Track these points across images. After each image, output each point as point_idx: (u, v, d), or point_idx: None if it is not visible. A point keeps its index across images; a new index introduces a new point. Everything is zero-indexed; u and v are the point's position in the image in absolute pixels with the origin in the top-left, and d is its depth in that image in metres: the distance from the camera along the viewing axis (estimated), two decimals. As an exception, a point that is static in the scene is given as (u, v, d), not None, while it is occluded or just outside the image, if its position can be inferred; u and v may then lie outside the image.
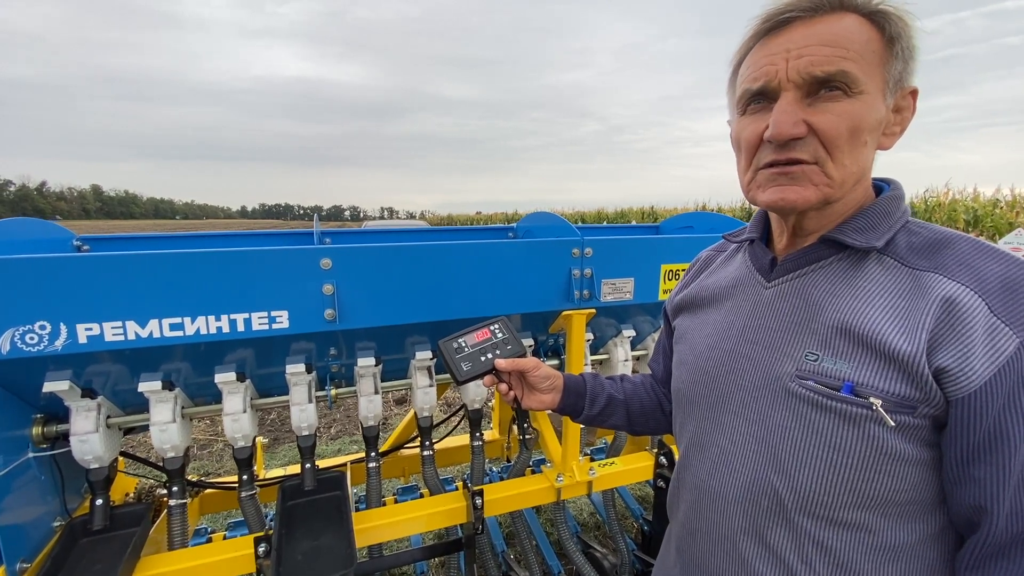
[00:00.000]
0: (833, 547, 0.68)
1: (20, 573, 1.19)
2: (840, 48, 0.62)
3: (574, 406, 1.05)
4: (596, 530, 2.75)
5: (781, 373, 0.71)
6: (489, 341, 1.04)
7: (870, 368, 0.63)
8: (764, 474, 0.72)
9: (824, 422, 0.66)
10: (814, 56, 0.62)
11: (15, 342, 1.09)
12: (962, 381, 0.58)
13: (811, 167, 0.65)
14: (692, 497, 0.83)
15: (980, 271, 0.61)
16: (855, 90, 0.62)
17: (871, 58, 0.62)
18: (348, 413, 4.54)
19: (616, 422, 1.07)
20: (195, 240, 1.95)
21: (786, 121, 0.63)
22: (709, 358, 0.83)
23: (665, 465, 1.79)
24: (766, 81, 0.66)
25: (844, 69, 0.61)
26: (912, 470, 0.64)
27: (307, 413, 1.46)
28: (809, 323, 0.70)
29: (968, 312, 0.59)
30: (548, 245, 1.51)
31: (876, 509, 0.66)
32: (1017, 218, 10.00)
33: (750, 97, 0.69)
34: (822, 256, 0.72)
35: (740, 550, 0.75)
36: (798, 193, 0.66)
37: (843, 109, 0.62)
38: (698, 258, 1.01)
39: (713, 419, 0.80)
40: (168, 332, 1.18)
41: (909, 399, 0.61)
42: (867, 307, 0.65)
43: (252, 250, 1.22)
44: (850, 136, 0.63)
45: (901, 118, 0.68)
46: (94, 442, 1.29)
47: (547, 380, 1.02)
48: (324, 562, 1.32)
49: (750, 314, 0.79)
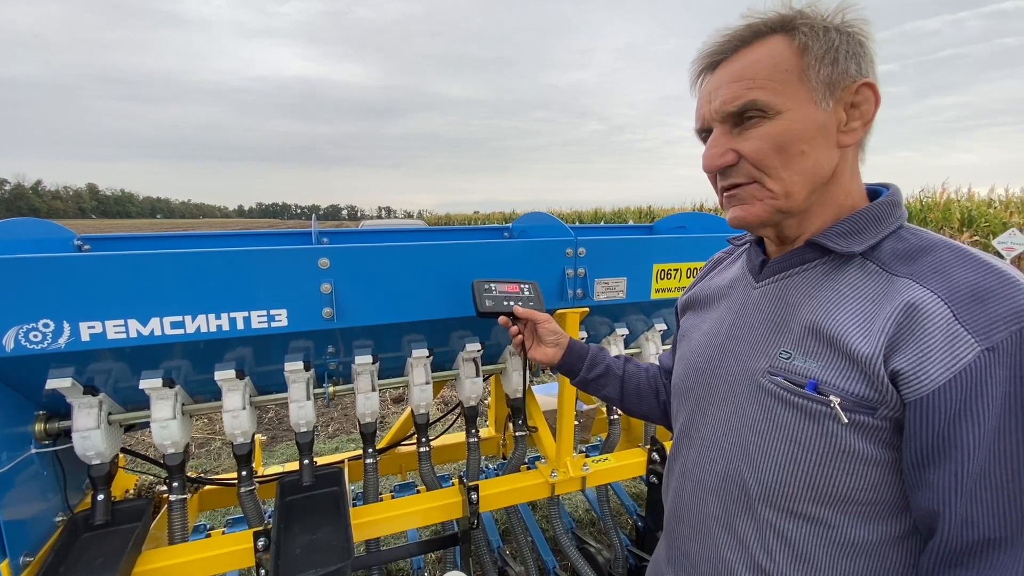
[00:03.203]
0: (793, 539, 0.70)
1: (23, 567, 1.22)
2: (746, 80, 0.68)
3: (572, 366, 1.15)
4: (591, 526, 2.78)
5: (756, 369, 0.75)
6: (517, 294, 1.20)
7: (834, 368, 0.66)
8: (736, 465, 0.76)
9: (787, 416, 0.69)
10: (725, 95, 0.70)
11: (19, 340, 1.11)
12: (915, 384, 0.59)
13: (751, 186, 0.72)
14: (678, 484, 0.88)
15: (952, 278, 0.61)
16: (772, 112, 0.67)
17: (783, 77, 0.67)
18: (346, 412, 4.56)
19: (608, 393, 1.14)
20: (195, 240, 1.97)
21: (713, 155, 0.73)
22: (701, 353, 0.87)
23: (658, 461, 1.82)
24: (702, 123, 0.76)
25: (751, 99, 0.68)
26: (872, 470, 0.65)
27: (305, 410, 1.48)
28: (786, 323, 0.74)
29: (928, 317, 0.60)
30: (542, 245, 1.54)
31: (835, 505, 0.68)
32: (1011, 218, 10.05)
33: (699, 133, 0.78)
34: (807, 259, 0.75)
35: (714, 537, 0.79)
36: (747, 211, 0.73)
37: (762, 132, 0.68)
38: (711, 259, 1.06)
39: (700, 410, 0.84)
40: (169, 330, 1.21)
41: (868, 400, 0.63)
42: (837, 310, 0.68)
43: (252, 250, 1.25)
44: (776, 152, 0.68)
45: (860, 112, 0.69)
46: (96, 438, 1.31)
47: (554, 335, 1.16)
48: (322, 555, 1.35)
49: (739, 313, 0.83)
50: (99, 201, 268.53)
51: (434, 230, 2.52)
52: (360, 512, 1.54)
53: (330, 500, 1.57)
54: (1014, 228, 7.35)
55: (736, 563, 0.76)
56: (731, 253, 1.01)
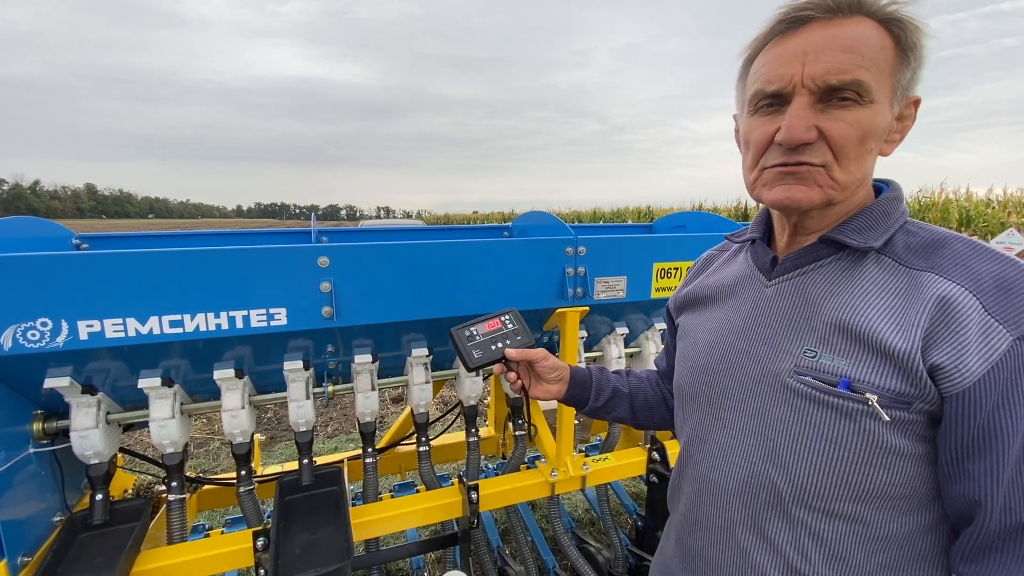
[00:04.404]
0: (828, 538, 0.70)
1: (21, 567, 1.21)
2: (856, 55, 0.62)
3: (579, 397, 1.08)
4: (590, 526, 2.78)
5: (780, 369, 0.73)
6: (500, 331, 1.08)
7: (867, 365, 0.65)
8: (762, 468, 0.74)
9: (821, 416, 0.68)
10: (830, 63, 0.62)
11: (17, 338, 1.11)
12: (956, 378, 0.59)
13: (817, 169, 0.66)
14: (693, 490, 0.85)
15: (975, 271, 0.62)
16: (867, 99, 0.63)
17: (883, 66, 0.63)
18: (344, 412, 4.55)
19: (620, 414, 1.10)
20: (194, 239, 1.97)
21: (799, 126, 0.64)
22: (710, 354, 0.84)
23: (658, 460, 1.81)
24: (780, 85, 0.66)
25: (859, 78, 0.62)
26: (907, 464, 0.65)
27: (305, 409, 1.48)
28: (808, 321, 0.72)
29: (962, 311, 0.60)
30: (542, 244, 1.53)
31: (871, 502, 0.68)
32: (1009, 218, 10.08)
33: (763, 98, 0.69)
34: (821, 255, 0.74)
35: (739, 541, 0.77)
36: (804, 193, 0.67)
37: (855, 118, 0.63)
38: (703, 258, 1.03)
39: (713, 414, 0.82)
40: (168, 329, 1.20)
41: (904, 395, 0.63)
42: (865, 305, 0.67)
43: (251, 248, 1.24)
44: (859, 144, 0.64)
45: (902, 126, 0.68)
46: (94, 438, 1.31)
47: (555, 371, 1.06)
48: (322, 555, 1.35)
49: (751, 311, 0.80)
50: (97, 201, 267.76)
51: (434, 229, 2.52)
52: (360, 512, 1.53)
53: (330, 500, 1.56)
54: (1012, 228, 7.36)
55: (767, 565, 0.74)
56: (724, 250, 0.97)
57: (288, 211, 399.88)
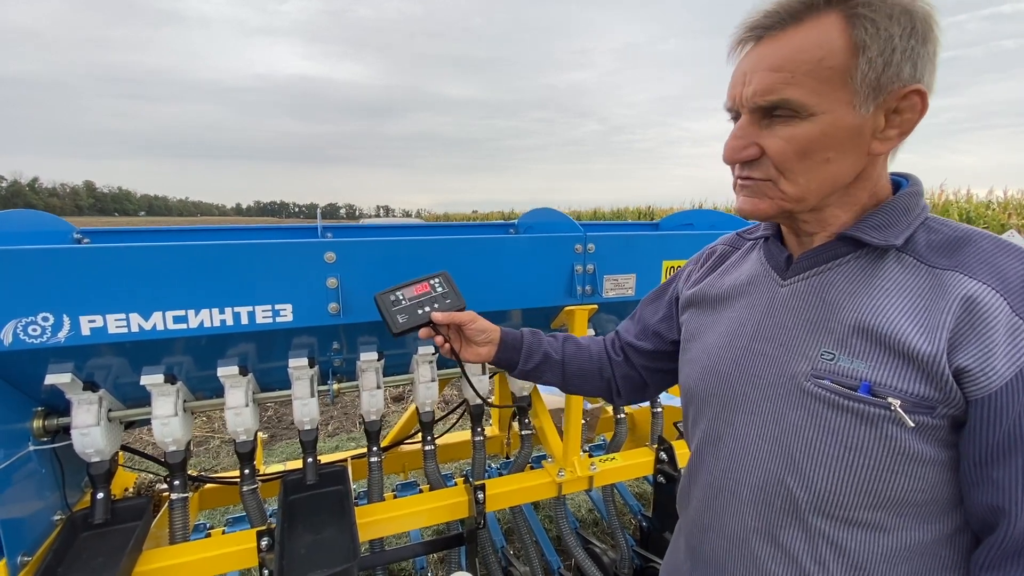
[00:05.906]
0: (847, 547, 0.67)
1: (21, 567, 1.19)
2: (785, 73, 0.61)
3: (509, 360, 1.08)
4: (594, 527, 2.76)
5: (796, 372, 0.70)
6: (428, 295, 1.07)
7: (888, 368, 0.63)
8: (778, 474, 0.71)
9: (840, 422, 0.65)
10: (757, 85, 0.64)
11: (17, 334, 1.08)
12: (982, 381, 0.57)
13: (764, 183, 0.68)
14: (704, 494, 0.83)
15: (1002, 270, 0.60)
16: (805, 113, 0.62)
17: (826, 74, 0.60)
18: (345, 410, 4.53)
19: (550, 379, 1.10)
20: (197, 234, 1.94)
21: (735, 147, 0.69)
22: (721, 356, 0.81)
23: (665, 461, 1.79)
24: (730, 105, 0.70)
25: (785, 97, 0.62)
26: (929, 470, 0.63)
27: (309, 407, 1.46)
28: (826, 322, 0.69)
29: (990, 311, 0.58)
30: (551, 241, 1.51)
31: (892, 509, 0.65)
32: (1009, 219, 10.09)
33: (728, 111, 0.73)
34: (839, 254, 0.71)
35: (753, 549, 0.75)
36: (754, 204, 0.71)
37: (791, 133, 0.64)
38: (711, 251, 0.98)
39: (726, 417, 0.79)
40: (172, 325, 1.18)
41: (928, 399, 0.61)
42: (886, 306, 0.64)
43: (257, 243, 1.22)
44: (799, 158, 0.64)
45: (901, 119, 0.63)
46: (95, 435, 1.28)
47: (483, 333, 1.06)
48: (327, 555, 1.32)
49: (765, 312, 0.77)
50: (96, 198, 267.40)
51: (437, 226, 2.50)
52: (365, 511, 1.51)
53: (334, 499, 1.54)
54: (1012, 229, 7.37)
55: (782, 575, 0.72)
56: (736, 248, 0.94)
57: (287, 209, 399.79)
